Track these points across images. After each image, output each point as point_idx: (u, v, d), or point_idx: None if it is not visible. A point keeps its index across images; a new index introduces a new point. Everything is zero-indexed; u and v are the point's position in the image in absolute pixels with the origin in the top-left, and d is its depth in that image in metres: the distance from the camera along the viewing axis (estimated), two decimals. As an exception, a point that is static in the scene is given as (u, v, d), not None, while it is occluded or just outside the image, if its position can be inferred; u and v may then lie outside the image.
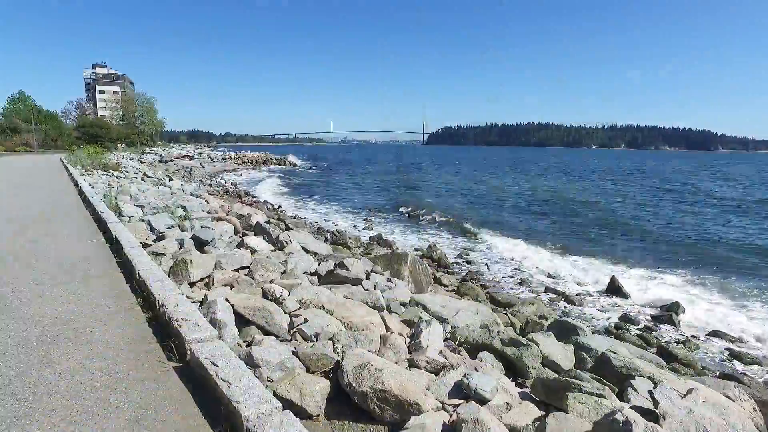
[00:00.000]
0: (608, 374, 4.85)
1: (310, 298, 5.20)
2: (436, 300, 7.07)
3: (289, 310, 4.73)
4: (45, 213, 9.18)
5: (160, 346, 3.12)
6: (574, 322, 6.84)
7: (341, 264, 7.94)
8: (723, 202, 30.99)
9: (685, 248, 17.71)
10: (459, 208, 26.76)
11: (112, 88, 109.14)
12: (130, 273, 4.85)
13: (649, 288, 12.80)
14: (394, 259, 9.02)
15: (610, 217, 25.13)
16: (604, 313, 11.05)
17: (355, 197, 32.53)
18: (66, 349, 3.13)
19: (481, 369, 4.52)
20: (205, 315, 3.85)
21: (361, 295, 6.06)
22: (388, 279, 8.16)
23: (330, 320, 4.68)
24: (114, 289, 4.39)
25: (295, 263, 7.05)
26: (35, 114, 56.07)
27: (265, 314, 4.18)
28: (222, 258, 6.09)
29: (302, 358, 3.52)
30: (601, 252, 16.83)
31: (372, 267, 8.74)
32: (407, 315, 6.12)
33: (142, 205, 10.86)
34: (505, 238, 18.89)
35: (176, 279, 5.52)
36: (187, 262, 5.54)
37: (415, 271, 8.99)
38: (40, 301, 4.07)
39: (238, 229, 9.26)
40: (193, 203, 12.32)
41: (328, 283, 6.95)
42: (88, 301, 4.06)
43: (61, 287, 4.45)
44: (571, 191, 37.07)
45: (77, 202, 10.79)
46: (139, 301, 3.99)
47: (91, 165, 23.40)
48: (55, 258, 5.57)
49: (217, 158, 69.80)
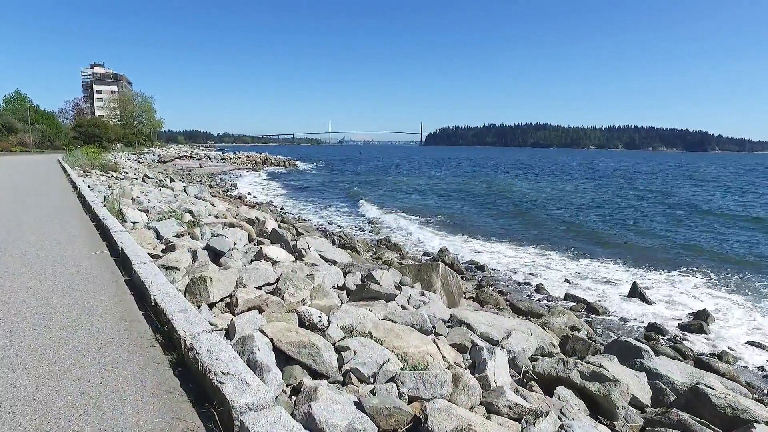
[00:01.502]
0: (707, 415, 4.11)
1: (353, 323, 4.44)
2: (480, 318, 6.31)
3: (333, 340, 3.97)
4: (41, 219, 8.35)
5: (195, 410, 2.34)
6: (636, 343, 6.09)
7: (370, 276, 7.19)
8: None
9: (699, 250, 17.15)
10: (463, 211, 26.02)
11: (109, 87, 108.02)
12: (142, 296, 4.08)
13: (672, 293, 12.33)
14: (423, 270, 8.26)
15: (616, 218, 24.57)
16: (629, 321, 10.46)
17: (357, 198, 31.99)
18: (66, 417, 2.34)
19: (567, 412, 3.77)
20: (240, 353, 3.09)
21: (403, 315, 5.30)
22: (421, 293, 7.41)
23: (382, 352, 3.92)
24: (124, 319, 3.61)
25: (322, 277, 6.29)
26: (32, 113, 55.10)
27: (311, 350, 3.41)
28: (244, 273, 5.31)
29: (371, 413, 2.76)
30: (614, 255, 16.25)
31: (400, 278, 7.99)
32: (455, 337, 5.35)
33: (146, 210, 10.08)
34: (513, 241, 18.29)
35: (193, 299, 4.75)
36: (206, 280, 4.77)
37: (446, 283, 8.23)
38: (34, 342, 3.30)
39: (253, 237, 8.49)
40: (199, 207, 11.53)
41: (359, 299, 6.19)
42: (95, 338, 3.28)
43: (60, 315, 3.68)
44: (577, 193, 36.43)
45: (76, 206, 9.99)
46: (158, 337, 3.21)
47: (89, 166, 22.56)
48: (52, 276, 4.78)
49: (216, 159, 69.03)
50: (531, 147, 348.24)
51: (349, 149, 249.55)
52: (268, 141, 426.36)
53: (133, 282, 4.52)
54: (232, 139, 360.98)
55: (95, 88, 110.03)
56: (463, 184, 43.41)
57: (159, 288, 3.90)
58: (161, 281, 4.14)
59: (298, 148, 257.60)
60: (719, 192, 39.72)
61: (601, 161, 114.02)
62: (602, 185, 44.20)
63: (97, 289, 4.32)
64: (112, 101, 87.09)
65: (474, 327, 5.97)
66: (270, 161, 70.21)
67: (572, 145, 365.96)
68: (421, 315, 5.29)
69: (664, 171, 72.56)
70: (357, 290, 6.31)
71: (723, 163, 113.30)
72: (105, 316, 3.65)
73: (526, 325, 6.28)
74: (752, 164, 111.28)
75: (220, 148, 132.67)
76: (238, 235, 8.06)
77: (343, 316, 4.53)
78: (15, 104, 62.22)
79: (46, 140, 53.43)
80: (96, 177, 18.90)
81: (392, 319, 5.11)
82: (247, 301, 4.69)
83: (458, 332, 5.51)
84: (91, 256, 5.55)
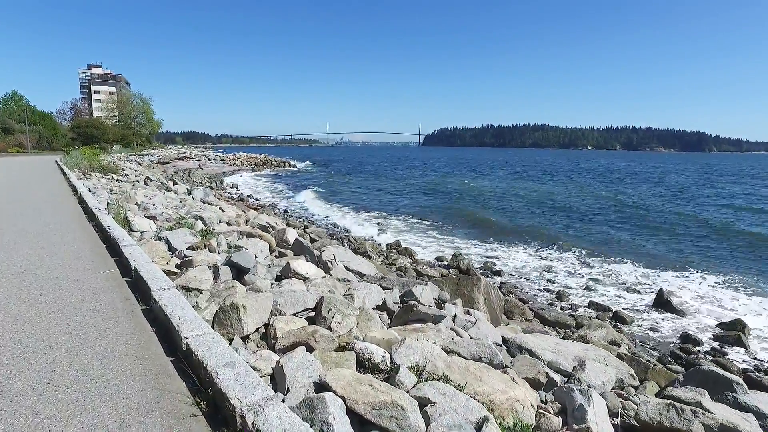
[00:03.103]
0: None
1: (420, 361, 3.66)
2: (542, 342, 5.53)
3: (406, 388, 3.18)
4: (39, 229, 7.51)
5: None
6: (723, 373, 5.29)
7: (410, 293, 6.42)
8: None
9: (718, 254, 16.51)
10: (472, 212, 25.20)
11: (107, 88, 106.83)
12: (167, 334, 3.29)
13: (698, 300, 11.66)
14: (463, 284, 7.48)
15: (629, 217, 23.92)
16: (658, 332, 9.83)
17: (359, 199, 31.50)
18: None
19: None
20: (309, 421, 2.30)
21: (468, 346, 4.52)
22: (465, 311, 6.63)
23: (468, 403, 3.15)
24: (149, 370, 2.78)
25: (362, 298, 5.50)
26: (29, 114, 54.09)
27: (395, 412, 2.63)
28: (279, 297, 4.51)
29: None
30: (626, 258, 15.56)
31: (438, 293, 7.21)
32: (525, 370, 4.56)
33: (154, 217, 9.26)
34: (525, 243, 17.63)
35: (223, 330, 3.96)
36: (238, 309, 3.98)
37: (488, 298, 7.46)
38: (33, 411, 2.50)
39: (273, 248, 7.69)
40: (209, 213, 10.73)
41: (403, 322, 5.41)
42: (115, 404, 2.47)
43: (66, 364, 2.89)
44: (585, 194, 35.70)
45: (78, 213, 9.16)
46: (199, 402, 2.40)
47: (88, 168, 21.70)
48: (54, 306, 3.98)
49: (216, 160, 68.18)
50: (529, 148, 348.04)
51: (348, 150, 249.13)
52: (267, 142, 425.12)
53: (153, 313, 3.72)
54: (230, 140, 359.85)
55: (93, 89, 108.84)
56: (465, 184, 42.73)
57: (190, 326, 3.10)
58: (190, 315, 3.33)
59: (296, 149, 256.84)
60: (737, 192, 39.09)
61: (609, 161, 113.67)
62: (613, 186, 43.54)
63: (111, 324, 3.50)
64: (110, 102, 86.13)
65: (538, 354, 5.20)
66: (270, 162, 69.36)
67: (570, 146, 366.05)
68: (488, 346, 4.51)
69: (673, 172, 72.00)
70: (401, 312, 5.53)
71: (735, 164, 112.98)
72: (124, 365, 2.84)
73: (594, 351, 5.49)
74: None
75: (218, 149, 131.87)
76: (258, 246, 7.26)
77: (408, 353, 3.74)
78: (12, 105, 61.13)
79: (44, 141, 52.45)
80: (96, 180, 18.07)
81: (459, 352, 4.34)
82: (289, 335, 3.90)
83: (525, 363, 4.73)
84: (99, 277, 4.73)
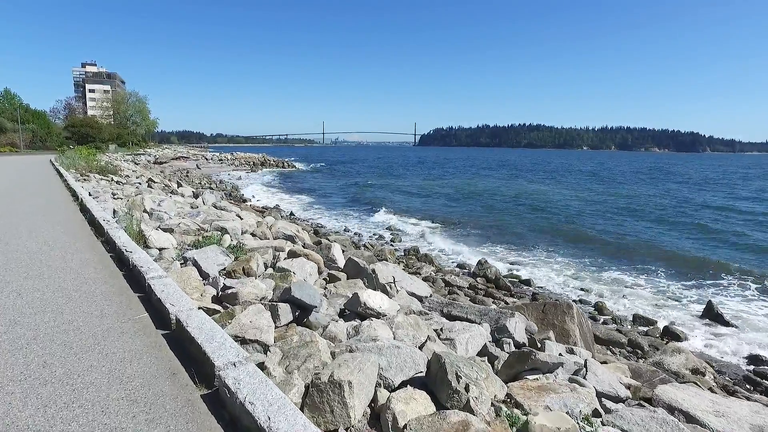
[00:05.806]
0: None
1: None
2: (695, 400, 4.27)
3: None
4: (38, 251, 6.12)
5: None
6: None
7: (503, 329, 5.16)
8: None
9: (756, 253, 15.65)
10: (480, 217, 23.90)
11: (102, 86, 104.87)
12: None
13: (748, 313, 10.63)
14: (550, 311, 6.21)
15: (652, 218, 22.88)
16: (712, 348, 8.83)
17: (360, 200, 30.39)
18: None
19: None
20: None
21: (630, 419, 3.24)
22: (569, 350, 5.37)
23: None
24: None
25: (465, 344, 4.21)
26: (22, 113, 52.33)
27: None
28: (382, 359, 3.22)
29: None
30: (661, 262, 14.57)
31: (525, 324, 5.93)
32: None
33: (170, 229, 7.92)
34: (544, 248, 16.48)
35: (319, 418, 2.67)
36: (342, 388, 2.69)
37: (582, 329, 6.19)
38: None
39: (322, 269, 6.37)
40: (228, 221, 9.39)
41: (515, 374, 4.14)
42: None
43: None
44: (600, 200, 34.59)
45: (82, 225, 7.78)
46: None
47: (86, 168, 20.24)
48: (69, 389, 2.66)
49: (213, 160, 66.76)
50: (524, 148, 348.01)
51: (344, 150, 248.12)
52: (262, 141, 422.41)
53: (221, 402, 2.41)
54: (225, 139, 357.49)
55: (88, 87, 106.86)
56: (466, 185, 41.60)
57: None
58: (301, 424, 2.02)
59: (293, 148, 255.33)
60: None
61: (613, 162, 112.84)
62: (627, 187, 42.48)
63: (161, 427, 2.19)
64: (105, 101, 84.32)
65: (698, 418, 3.94)
66: (268, 162, 68.00)
67: (565, 146, 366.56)
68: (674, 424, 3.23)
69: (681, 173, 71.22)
70: (513, 360, 4.24)
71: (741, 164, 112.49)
72: None
73: (764, 413, 4.22)
74: None
75: (213, 149, 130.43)
76: (306, 268, 5.94)
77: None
78: (4, 103, 59.13)
79: (38, 140, 50.79)
80: (95, 182, 16.65)
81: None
82: (423, 427, 2.60)
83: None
84: (125, 330, 3.35)
